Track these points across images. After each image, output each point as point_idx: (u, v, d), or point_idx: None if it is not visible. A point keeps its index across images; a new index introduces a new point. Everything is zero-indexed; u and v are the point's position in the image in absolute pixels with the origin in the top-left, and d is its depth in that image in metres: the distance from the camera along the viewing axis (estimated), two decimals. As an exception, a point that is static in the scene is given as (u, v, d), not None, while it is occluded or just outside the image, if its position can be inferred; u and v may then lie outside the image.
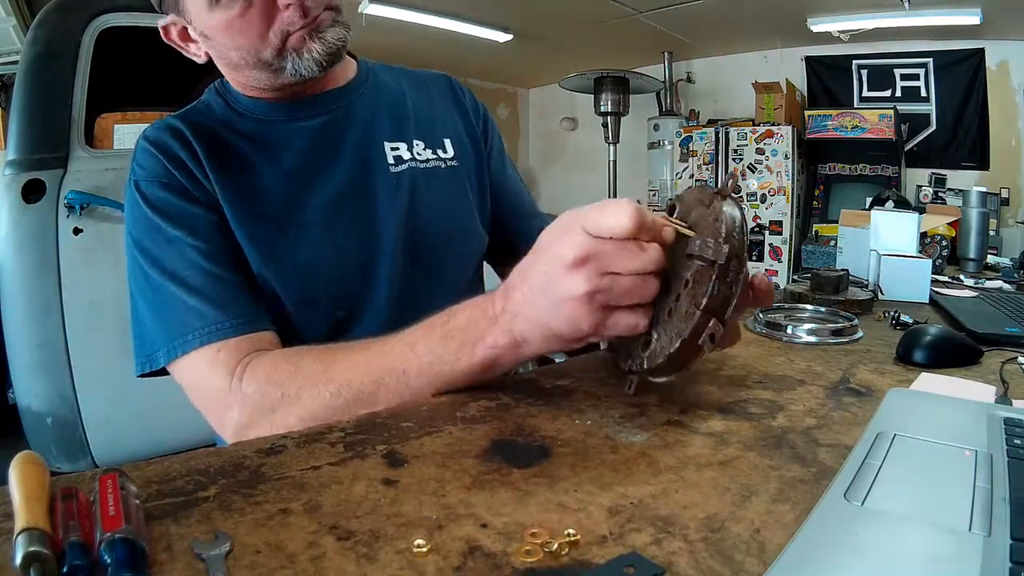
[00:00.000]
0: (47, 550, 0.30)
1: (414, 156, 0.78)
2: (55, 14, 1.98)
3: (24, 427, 1.98)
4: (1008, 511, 0.35)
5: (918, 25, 3.64)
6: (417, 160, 0.78)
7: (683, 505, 0.39)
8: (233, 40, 0.67)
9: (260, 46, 0.67)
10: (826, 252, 3.51)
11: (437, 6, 3.67)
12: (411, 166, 0.77)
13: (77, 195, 1.91)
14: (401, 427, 0.51)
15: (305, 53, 0.68)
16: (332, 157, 0.74)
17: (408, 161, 0.78)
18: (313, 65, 0.68)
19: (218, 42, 0.69)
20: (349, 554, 0.34)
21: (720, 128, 4.31)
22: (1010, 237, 3.62)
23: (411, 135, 0.80)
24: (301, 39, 0.67)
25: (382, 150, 0.77)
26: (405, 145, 0.78)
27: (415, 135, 0.80)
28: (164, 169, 0.68)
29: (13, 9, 2.89)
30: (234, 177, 0.70)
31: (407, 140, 0.79)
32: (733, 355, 0.75)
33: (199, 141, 0.70)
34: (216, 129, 0.72)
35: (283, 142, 0.73)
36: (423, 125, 0.82)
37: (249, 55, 0.68)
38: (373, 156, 0.76)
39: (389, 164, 0.76)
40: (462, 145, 0.84)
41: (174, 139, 0.70)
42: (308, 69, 0.69)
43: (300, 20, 0.66)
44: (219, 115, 0.74)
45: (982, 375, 0.69)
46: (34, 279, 1.93)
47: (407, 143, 0.79)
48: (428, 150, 0.80)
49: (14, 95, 1.96)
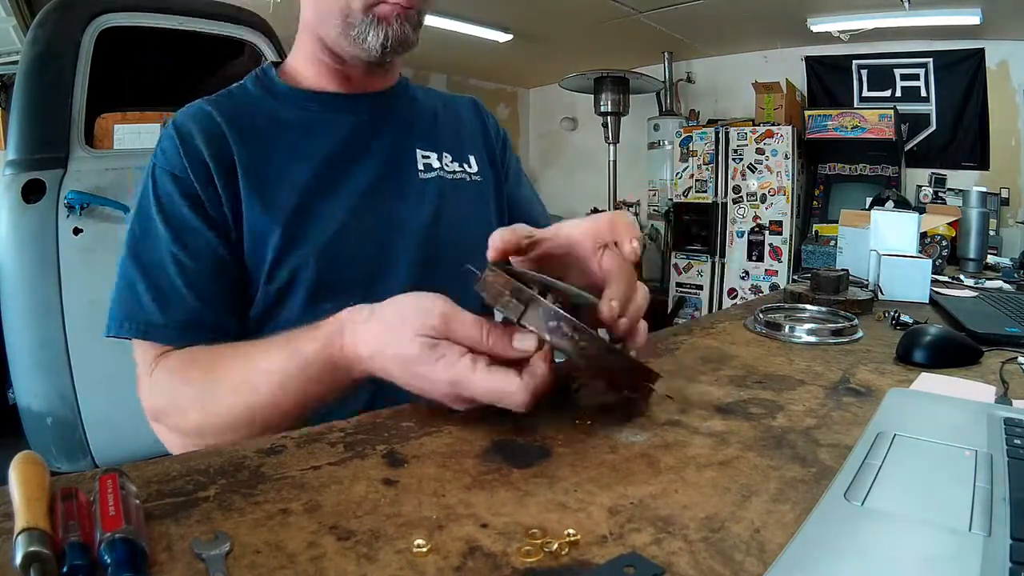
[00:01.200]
0: (47, 550, 0.30)
1: (443, 166, 0.81)
2: (55, 14, 1.98)
3: (24, 427, 1.98)
4: (1008, 511, 0.35)
5: (918, 25, 3.64)
6: (445, 171, 0.81)
7: (683, 505, 0.39)
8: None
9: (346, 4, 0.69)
10: (826, 252, 3.51)
11: (437, 6, 3.64)
12: (439, 175, 0.80)
13: (77, 195, 1.91)
14: (401, 427, 0.51)
15: (384, 28, 0.70)
16: (365, 153, 0.76)
17: (437, 170, 0.80)
18: (379, 45, 0.70)
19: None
20: (349, 554, 0.34)
21: (720, 128, 4.30)
22: (1010, 237, 3.62)
23: (441, 147, 0.82)
24: (389, 12, 0.69)
25: (413, 156, 0.79)
26: (436, 155, 0.81)
27: (444, 147, 0.82)
28: (180, 162, 0.69)
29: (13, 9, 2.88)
30: (263, 160, 0.71)
31: (437, 151, 0.81)
32: (733, 355, 0.75)
33: (230, 125, 0.71)
34: (250, 111, 0.74)
35: (320, 129, 0.75)
36: (451, 139, 0.84)
37: (330, 13, 0.70)
38: (404, 160, 0.78)
39: (419, 170, 0.79)
40: (484, 163, 0.87)
41: (201, 130, 0.70)
42: (374, 46, 0.70)
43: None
44: (255, 98, 0.77)
45: (982, 375, 0.69)
46: (34, 279, 1.93)
47: (437, 153, 0.81)
48: (456, 163, 0.82)
49: (14, 95, 1.96)
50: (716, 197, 4.31)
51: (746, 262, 4.24)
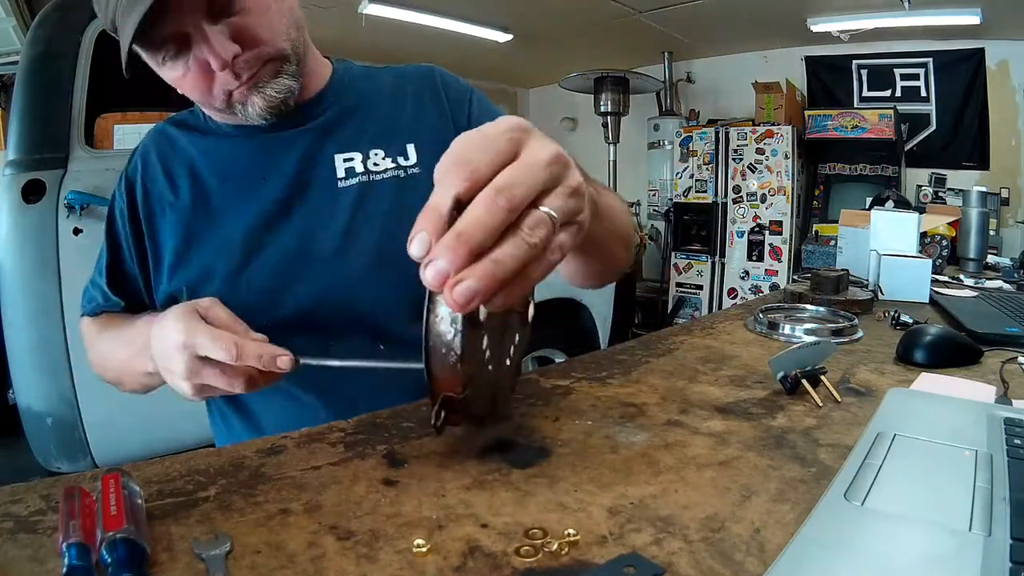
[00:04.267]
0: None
1: (368, 168, 0.76)
2: (55, 14, 1.98)
3: (24, 427, 1.98)
4: (1008, 511, 0.35)
5: (918, 25, 3.64)
6: (373, 171, 0.75)
7: (683, 505, 0.39)
8: (186, 92, 0.70)
9: (208, 101, 0.69)
10: (826, 252, 3.50)
11: (437, 6, 3.66)
12: (362, 179, 0.75)
13: (77, 195, 1.91)
14: (401, 427, 0.51)
15: (250, 107, 0.68)
16: (273, 170, 0.74)
17: (360, 174, 0.75)
18: (258, 119, 0.70)
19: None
20: (349, 554, 0.34)
21: (720, 128, 4.31)
22: (1010, 237, 3.63)
23: (368, 144, 0.77)
24: (243, 94, 0.68)
25: (331, 164, 0.75)
26: (360, 155, 0.76)
27: (374, 144, 0.77)
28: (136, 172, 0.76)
29: (13, 9, 2.88)
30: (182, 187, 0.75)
31: (362, 150, 0.76)
32: (733, 355, 0.75)
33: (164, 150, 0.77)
34: (184, 139, 0.77)
35: (229, 155, 0.75)
36: (385, 132, 0.78)
37: (203, 105, 0.73)
38: (320, 170, 0.74)
39: (339, 177, 0.74)
40: (433, 147, 0.79)
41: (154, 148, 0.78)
42: (256, 119, 0.70)
43: (235, 81, 0.66)
44: (192, 123, 0.78)
45: (982, 375, 0.69)
46: (34, 279, 1.93)
47: (362, 153, 0.76)
48: (388, 159, 0.76)
49: (14, 95, 1.96)
50: (716, 197, 4.31)
51: (746, 262, 4.24)
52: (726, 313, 1.04)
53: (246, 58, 0.65)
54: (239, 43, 0.64)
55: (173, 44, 0.64)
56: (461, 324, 0.39)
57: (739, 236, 4.25)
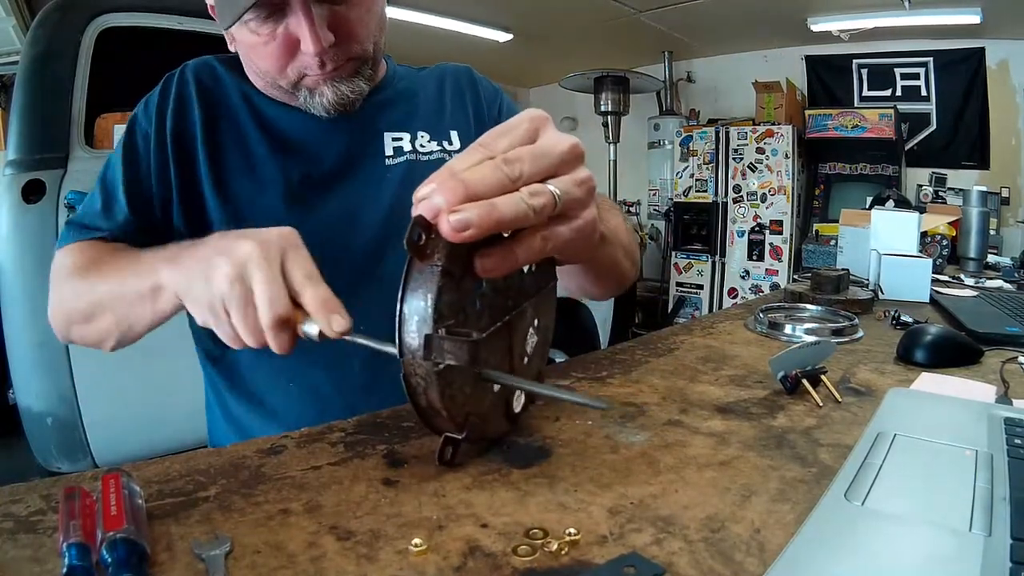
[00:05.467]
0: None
1: (416, 148, 0.78)
2: (55, 14, 1.98)
3: (24, 427, 1.98)
4: (1008, 511, 0.35)
5: (918, 24, 3.64)
6: (420, 151, 0.78)
7: (683, 505, 0.39)
8: (253, 62, 0.69)
9: (277, 76, 0.68)
10: (826, 252, 3.50)
11: (438, 6, 3.66)
12: (410, 158, 0.77)
13: (77, 195, 1.91)
14: (401, 427, 0.51)
15: (317, 96, 0.68)
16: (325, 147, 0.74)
17: (408, 153, 0.77)
18: (322, 110, 0.69)
19: (241, 53, 0.70)
20: (349, 554, 0.34)
21: (720, 127, 4.30)
22: (1010, 236, 3.62)
23: (416, 126, 0.79)
24: (316, 82, 0.67)
25: (381, 142, 0.77)
26: (408, 135, 0.78)
27: (421, 126, 0.80)
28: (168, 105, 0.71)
29: (13, 9, 2.88)
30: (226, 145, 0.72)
31: (411, 131, 0.79)
32: (733, 355, 0.75)
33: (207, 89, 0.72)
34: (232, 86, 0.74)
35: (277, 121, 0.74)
36: (431, 117, 0.81)
37: (266, 77, 0.70)
38: (370, 148, 0.76)
39: (387, 156, 0.76)
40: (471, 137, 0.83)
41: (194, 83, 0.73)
42: (317, 109, 0.69)
43: (318, 68, 0.66)
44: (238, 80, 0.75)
45: (982, 375, 0.69)
46: (34, 279, 1.93)
47: (411, 134, 0.79)
48: (433, 142, 0.80)
49: (14, 95, 1.96)
50: (716, 197, 4.31)
51: (746, 262, 4.24)
52: (726, 313, 1.04)
53: (336, 50, 0.65)
54: (334, 32, 0.64)
55: (268, 6, 0.62)
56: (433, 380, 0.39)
57: (739, 236, 4.25)
